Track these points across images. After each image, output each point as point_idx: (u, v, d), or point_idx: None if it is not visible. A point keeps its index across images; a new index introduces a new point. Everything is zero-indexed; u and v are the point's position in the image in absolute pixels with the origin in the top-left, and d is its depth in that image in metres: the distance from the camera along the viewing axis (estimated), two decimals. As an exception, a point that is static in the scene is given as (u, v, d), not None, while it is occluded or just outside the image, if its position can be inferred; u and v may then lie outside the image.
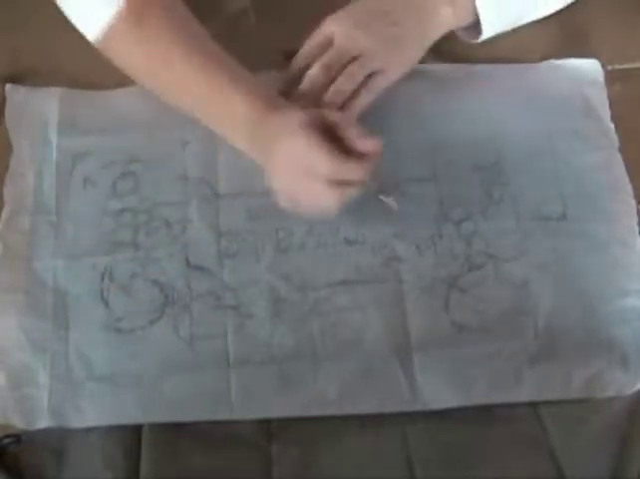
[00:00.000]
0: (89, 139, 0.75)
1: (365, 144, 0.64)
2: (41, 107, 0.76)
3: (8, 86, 0.77)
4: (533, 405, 0.66)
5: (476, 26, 0.74)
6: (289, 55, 0.77)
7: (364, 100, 0.71)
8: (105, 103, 0.77)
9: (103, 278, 0.69)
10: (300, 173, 0.64)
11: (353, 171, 0.63)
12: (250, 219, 0.72)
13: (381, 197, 0.67)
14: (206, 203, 0.72)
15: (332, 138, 0.64)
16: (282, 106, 0.67)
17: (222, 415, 0.66)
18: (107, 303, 0.69)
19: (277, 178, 0.67)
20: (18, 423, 0.65)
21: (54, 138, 0.75)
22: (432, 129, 0.73)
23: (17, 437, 0.64)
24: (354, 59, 0.70)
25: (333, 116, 0.65)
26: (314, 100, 0.69)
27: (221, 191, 0.73)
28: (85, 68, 0.76)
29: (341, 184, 0.63)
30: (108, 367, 0.67)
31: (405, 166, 0.73)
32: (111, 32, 0.68)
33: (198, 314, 0.68)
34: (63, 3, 0.69)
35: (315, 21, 0.75)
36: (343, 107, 0.70)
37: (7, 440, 0.64)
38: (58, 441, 0.65)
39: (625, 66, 0.80)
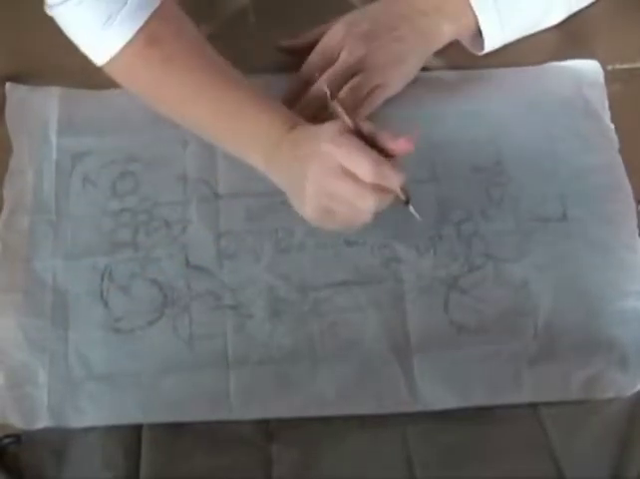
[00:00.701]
0: (88, 138, 0.75)
1: (400, 144, 0.62)
2: (41, 106, 0.76)
3: (8, 84, 0.77)
4: (533, 406, 0.66)
5: (479, 35, 0.74)
6: (285, 49, 0.77)
7: (365, 112, 0.72)
8: (105, 102, 0.76)
9: (102, 278, 0.69)
10: (338, 181, 0.61)
11: (394, 176, 0.61)
12: (250, 219, 0.72)
13: (410, 207, 0.64)
14: (206, 203, 0.72)
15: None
16: (302, 123, 0.67)
17: (221, 415, 0.66)
18: (106, 303, 0.69)
19: (308, 191, 0.64)
20: (17, 423, 0.65)
21: (53, 137, 0.75)
22: (431, 130, 0.73)
23: (17, 437, 0.64)
24: (358, 72, 0.71)
25: (366, 125, 0.63)
26: (318, 111, 0.70)
27: (221, 191, 0.73)
28: (85, 67, 0.75)
29: (381, 189, 0.62)
30: (107, 367, 0.67)
31: (404, 167, 0.73)
32: (120, 56, 0.67)
33: (198, 314, 0.68)
34: (70, 32, 0.69)
35: (315, 21, 0.75)
36: None
37: (7, 440, 0.64)
38: (58, 441, 0.65)
39: (625, 66, 0.79)
